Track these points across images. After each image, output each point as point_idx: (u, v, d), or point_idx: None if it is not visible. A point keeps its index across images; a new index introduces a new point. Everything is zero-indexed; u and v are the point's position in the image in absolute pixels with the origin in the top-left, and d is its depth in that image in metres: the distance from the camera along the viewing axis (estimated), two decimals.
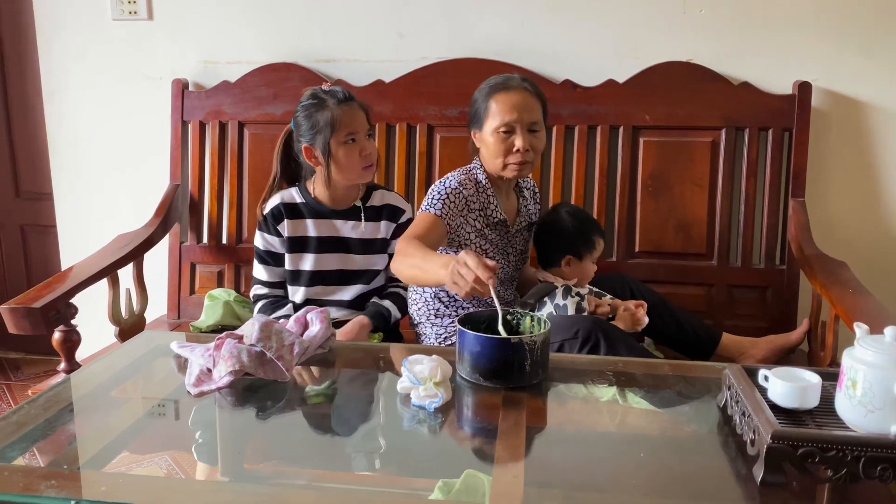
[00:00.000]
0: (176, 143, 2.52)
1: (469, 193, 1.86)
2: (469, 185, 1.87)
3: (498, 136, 1.82)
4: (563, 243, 1.96)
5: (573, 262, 1.96)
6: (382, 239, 2.01)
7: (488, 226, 1.90)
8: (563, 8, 2.35)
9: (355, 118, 1.89)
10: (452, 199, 1.82)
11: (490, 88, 1.86)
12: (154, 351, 1.60)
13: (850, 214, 2.33)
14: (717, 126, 2.28)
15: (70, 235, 2.77)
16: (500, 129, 1.82)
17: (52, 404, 1.29)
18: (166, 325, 2.47)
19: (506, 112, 1.82)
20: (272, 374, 1.35)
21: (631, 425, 1.30)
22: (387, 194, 2.04)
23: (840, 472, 0.99)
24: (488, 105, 1.84)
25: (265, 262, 2.01)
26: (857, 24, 2.23)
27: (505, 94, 1.83)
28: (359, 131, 1.89)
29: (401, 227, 2.00)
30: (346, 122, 1.87)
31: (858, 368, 1.03)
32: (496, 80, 1.89)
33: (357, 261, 1.99)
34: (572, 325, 1.74)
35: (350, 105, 1.89)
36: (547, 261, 2.00)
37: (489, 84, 1.88)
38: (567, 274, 1.97)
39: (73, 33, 2.60)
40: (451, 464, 1.14)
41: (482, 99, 1.86)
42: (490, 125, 1.84)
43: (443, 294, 1.94)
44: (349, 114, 1.88)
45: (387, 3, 2.43)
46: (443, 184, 1.86)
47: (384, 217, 2.00)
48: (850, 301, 1.79)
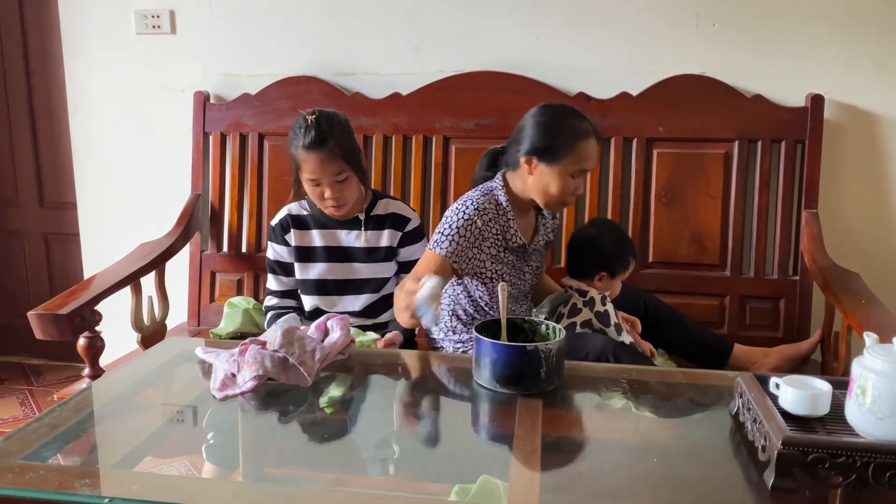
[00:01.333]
0: (197, 154, 2.57)
1: (486, 220, 1.82)
2: (488, 209, 1.83)
3: (570, 178, 1.81)
4: (600, 260, 1.98)
5: (605, 279, 1.99)
6: (387, 247, 2.02)
7: (506, 249, 1.88)
8: (578, 22, 2.39)
9: (320, 167, 1.86)
10: (463, 233, 1.79)
11: (578, 132, 1.79)
12: (178, 357, 1.64)
13: (863, 226, 2.34)
14: (730, 138, 2.30)
15: (93, 244, 2.83)
16: (577, 173, 1.81)
17: (82, 407, 1.33)
18: (186, 332, 2.52)
19: (587, 160, 1.81)
20: (294, 379, 1.39)
21: (644, 432, 1.32)
22: (392, 203, 2.05)
23: (850, 478, 1.01)
24: (575, 147, 1.78)
25: (274, 272, 2.06)
26: (870, 38, 2.25)
27: (591, 141, 1.81)
28: (322, 178, 1.87)
29: (407, 235, 2.02)
30: (308, 169, 1.87)
31: (868, 377, 1.05)
32: (581, 122, 1.81)
33: (361, 270, 2.02)
34: (582, 346, 1.77)
35: (316, 153, 1.85)
36: (579, 273, 2.02)
37: (574, 126, 1.80)
38: (599, 289, 1.99)
39: (98, 47, 2.67)
40: (467, 469, 1.17)
41: (567, 138, 1.79)
42: (568, 166, 1.79)
43: (461, 311, 1.96)
44: (312, 162, 1.86)
45: (405, 17, 2.48)
46: (457, 213, 1.81)
47: (388, 226, 2.01)
48: (863, 312, 1.80)
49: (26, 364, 3.37)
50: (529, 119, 1.87)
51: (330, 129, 1.86)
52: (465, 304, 1.95)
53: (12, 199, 3.27)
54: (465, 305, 1.95)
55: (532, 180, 1.83)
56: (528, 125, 1.85)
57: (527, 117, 1.88)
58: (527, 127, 1.85)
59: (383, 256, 2.02)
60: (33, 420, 1.25)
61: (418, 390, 1.52)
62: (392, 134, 2.48)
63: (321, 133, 1.85)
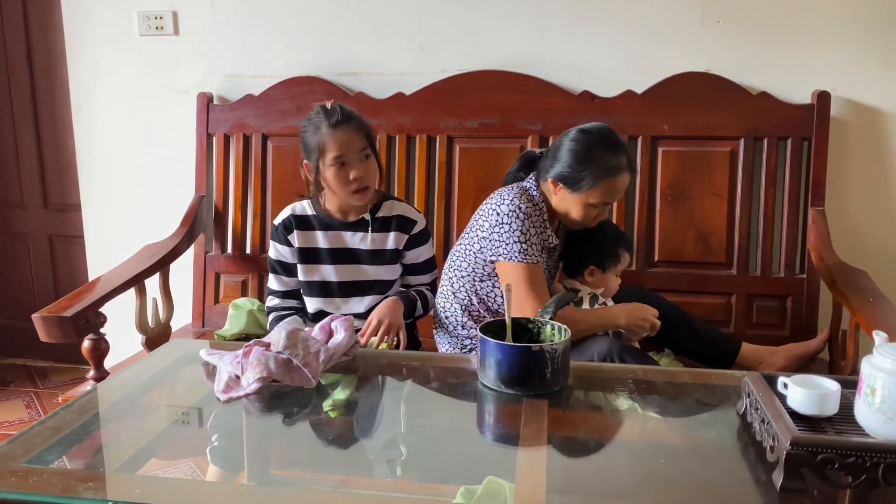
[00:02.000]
0: (201, 155, 2.57)
1: (532, 222, 1.85)
2: (531, 210, 1.85)
3: (592, 207, 1.85)
4: (588, 254, 1.97)
5: (596, 273, 1.98)
6: (393, 250, 2.00)
7: (542, 249, 1.90)
8: (582, 21, 2.38)
9: (347, 141, 1.86)
10: (533, 232, 1.84)
11: (607, 168, 1.80)
12: (182, 359, 1.63)
13: (870, 223, 2.33)
14: (735, 136, 2.29)
15: (97, 245, 2.83)
16: (599, 204, 1.84)
17: (85, 410, 1.33)
18: (191, 333, 2.52)
19: (611, 195, 1.84)
20: (299, 380, 1.39)
21: (651, 432, 1.31)
22: (397, 205, 2.03)
23: (859, 479, 1.00)
24: (600, 183, 1.80)
25: (276, 272, 2.04)
26: (876, 34, 2.24)
27: (619, 178, 1.82)
28: (349, 154, 1.87)
29: (413, 238, 2.00)
30: (335, 146, 1.87)
31: (877, 376, 1.04)
32: (613, 157, 1.81)
33: (367, 272, 2.01)
34: (588, 348, 1.77)
35: (342, 128, 1.86)
36: (571, 270, 2.02)
37: (605, 161, 1.80)
38: (590, 284, 1.98)
39: (101, 49, 2.67)
40: (473, 470, 1.16)
41: (594, 172, 1.80)
42: (591, 198, 1.82)
43: (473, 308, 1.96)
44: (339, 137, 1.86)
45: (408, 17, 2.47)
46: (517, 217, 1.82)
47: (394, 228, 2.00)
48: (871, 310, 1.79)
49: (32, 366, 3.38)
50: (566, 142, 1.86)
51: (350, 110, 1.92)
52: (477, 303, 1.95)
53: (17, 201, 3.28)
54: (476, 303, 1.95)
55: (555, 200, 1.88)
56: (564, 148, 1.85)
57: (565, 138, 1.87)
58: (562, 149, 1.85)
59: (389, 259, 2.00)
60: (37, 423, 1.25)
61: (423, 391, 1.51)
62: (396, 134, 2.47)
63: (345, 112, 1.89)
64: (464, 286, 1.95)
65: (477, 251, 1.91)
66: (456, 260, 1.97)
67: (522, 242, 1.81)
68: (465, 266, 1.94)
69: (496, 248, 1.85)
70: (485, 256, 1.89)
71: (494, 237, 1.85)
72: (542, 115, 2.37)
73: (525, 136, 2.39)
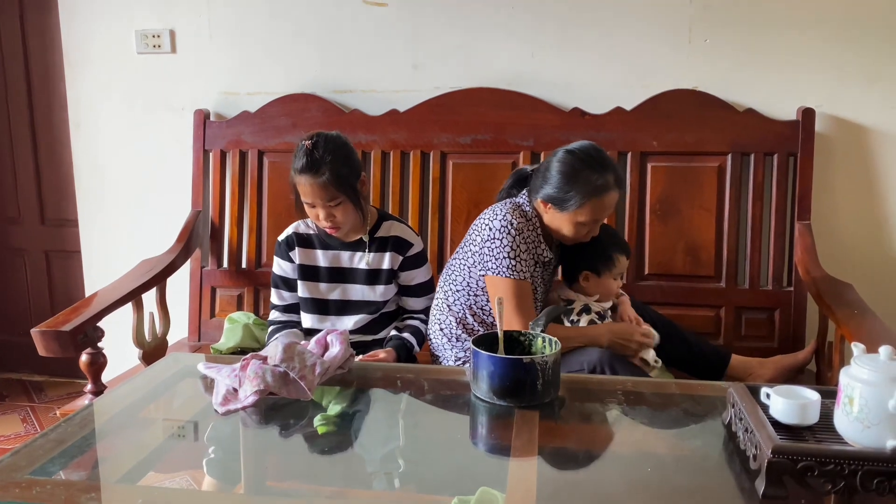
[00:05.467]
0: (197, 171, 2.60)
1: (523, 238, 1.88)
2: (524, 226, 1.88)
3: (581, 225, 1.87)
4: (581, 259, 1.98)
5: (591, 278, 1.98)
6: (388, 270, 2.03)
7: (536, 263, 1.94)
8: (572, 39, 2.43)
9: (310, 191, 1.89)
10: (524, 248, 1.86)
11: (593, 188, 1.81)
12: (180, 372, 1.66)
13: (855, 237, 2.37)
14: (723, 151, 2.33)
15: (94, 261, 2.85)
16: (589, 222, 1.86)
17: (86, 423, 1.36)
18: (187, 347, 2.54)
19: (599, 212, 1.86)
20: (295, 393, 1.41)
21: (639, 443, 1.34)
22: (395, 225, 2.06)
23: (838, 486, 1.03)
24: (587, 203, 1.82)
25: (277, 287, 2.08)
26: (860, 52, 2.29)
27: (606, 197, 1.83)
28: (314, 202, 1.91)
29: (408, 259, 2.04)
30: (302, 191, 1.92)
31: (855, 386, 1.08)
32: (599, 176, 1.81)
33: (362, 291, 2.04)
34: (579, 358, 1.80)
35: (307, 177, 1.88)
36: (568, 277, 2.05)
37: (591, 181, 1.81)
38: (587, 290, 1.99)
39: (99, 67, 2.71)
40: (466, 481, 1.19)
41: (581, 193, 1.81)
42: (578, 217, 1.85)
43: (468, 322, 1.99)
44: (304, 185, 1.89)
45: (402, 35, 2.52)
46: (508, 233, 1.84)
47: (390, 248, 2.03)
48: (856, 322, 1.82)
49: (28, 381, 3.39)
50: (554, 163, 1.88)
51: (324, 155, 1.88)
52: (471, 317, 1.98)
53: (14, 217, 3.30)
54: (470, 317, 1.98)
55: (546, 219, 1.91)
56: (552, 169, 1.87)
57: (553, 158, 1.89)
58: (550, 170, 1.87)
59: (384, 279, 2.04)
60: (39, 436, 1.27)
61: (417, 403, 1.54)
62: (390, 150, 2.51)
63: (314, 160, 1.88)
64: (458, 300, 1.99)
65: (471, 265, 1.94)
66: (451, 274, 2.01)
67: (512, 258, 1.85)
68: (460, 280, 1.98)
69: (486, 262, 1.88)
70: (479, 271, 1.93)
71: (485, 251, 1.88)
72: (534, 132, 2.41)
73: (517, 152, 2.43)
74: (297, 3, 2.55)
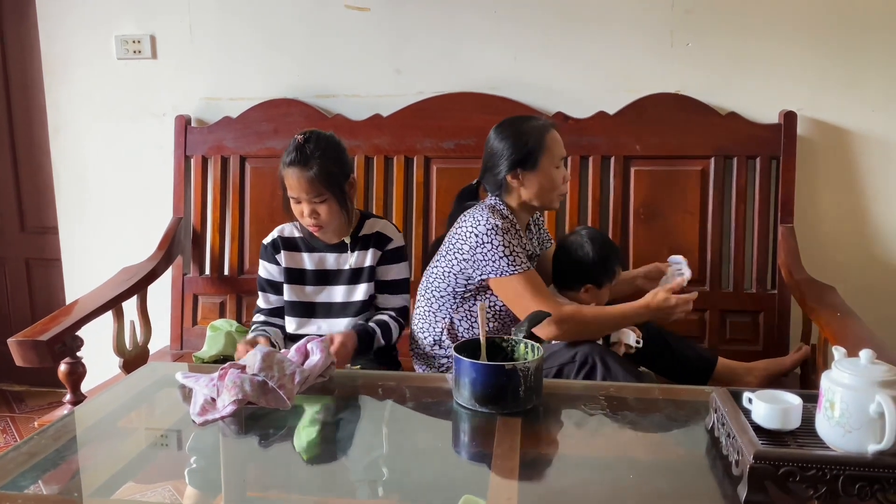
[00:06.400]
0: (179, 178, 2.58)
1: (510, 235, 1.88)
2: (507, 224, 1.88)
3: (556, 170, 1.92)
4: (585, 272, 1.99)
5: (592, 290, 2.00)
6: (370, 267, 2.01)
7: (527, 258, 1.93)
8: (555, 43, 2.43)
9: (298, 185, 1.89)
10: (515, 243, 1.87)
11: (542, 127, 1.91)
12: (159, 382, 1.64)
13: (837, 239, 2.38)
14: (706, 155, 2.34)
15: (74, 268, 2.82)
16: (558, 164, 1.92)
17: (60, 435, 1.33)
18: (169, 355, 2.51)
19: (561, 147, 1.93)
20: (274, 402, 1.39)
21: (622, 448, 1.33)
22: (378, 222, 2.05)
23: (820, 491, 1.02)
24: (544, 142, 1.89)
25: (264, 290, 2.06)
26: (840, 56, 2.30)
27: (554, 132, 1.92)
28: (300, 196, 1.90)
29: (387, 254, 2.02)
30: (289, 185, 1.91)
31: (836, 390, 1.07)
32: (536, 121, 1.94)
33: (349, 293, 2.02)
34: (570, 350, 1.80)
35: (295, 170, 1.88)
36: (565, 284, 2.04)
37: (534, 125, 1.92)
38: (584, 300, 2.00)
39: (79, 72, 2.68)
40: (447, 489, 1.18)
41: (534, 138, 1.89)
42: (549, 160, 1.90)
43: (453, 328, 1.97)
44: (292, 178, 1.90)
45: (386, 40, 2.51)
46: (496, 233, 1.84)
47: (371, 245, 2.02)
48: (838, 324, 1.82)
49: (7, 391, 3.34)
50: (493, 142, 1.95)
51: (315, 151, 1.89)
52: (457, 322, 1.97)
53: None
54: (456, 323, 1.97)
55: (525, 190, 1.92)
56: (496, 147, 1.93)
57: (490, 142, 1.96)
58: (495, 150, 1.93)
59: (367, 277, 2.02)
60: (11, 449, 1.25)
61: (399, 411, 1.52)
62: (373, 155, 2.50)
63: (304, 154, 1.88)
64: (443, 306, 1.97)
65: (457, 273, 1.92)
66: (434, 281, 1.99)
67: (508, 255, 1.84)
68: (444, 287, 1.96)
69: (483, 267, 1.87)
70: (467, 277, 1.91)
71: (479, 258, 1.86)
72: None
73: None
74: (279, 8, 2.54)
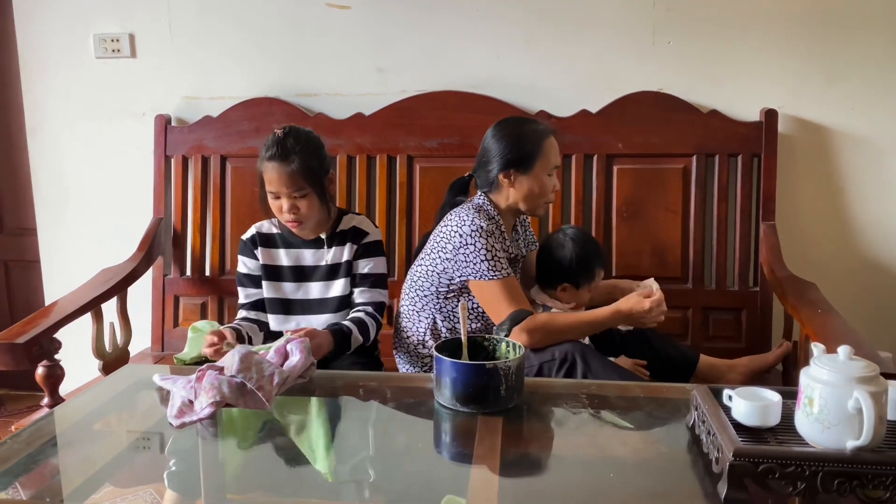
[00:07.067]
0: (159, 178, 2.55)
1: (495, 238, 1.87)
2: (492, 226, 1.88)
3: (547, 177, 1.92)
4: (563, 270, 1.98)
5: (569, 290, 2.00)
6: (347, 262, 2.00)
7: (509, 262, 1.92)
8: (537, 42, 2.42)
9: (279, 179, 1.87)
10: (498, 247, 1.86)
11: (541, 132, 1.92)
12: (137, 384, 1.62)
13: (819, 236, 2.39)
14: (688, 153, 2.34)
15: (54, 270, 2.78)
16: (551, 171, 1.92)
17: (35, 438, 1.31)
18: (150, 357, 2.49)
19: (557, 155, 1.94)
20: (253, 404, 1.38)
21: (603, 447, 1.33)
22: (354, 218, 2.04)
23: (799, 488, 1.02)
24: (541, 147, 1.90)
25: (243, 285, 2.04)
26: (821, 54, 2.31)
27: (552, 139, 1.93)
28: (280, 191, 1.89)
29: (363, 247, 2.00)
30: (268, 180, 1.90)
31: (815, 386, 1.07)
32: (537, 126, 1.94)
33: (326, 289, 2.01)
34: (550, 348, 1.79)
35: (275, 164, 1.87)
36: (545, 281, 2.04)
37: (534, 128, 1.93)
38: (562, 298, 2.00)
39: (56, 71, 2.64)
40: (427, 490, 1.17)
41: (532, 142, 1.90)
42: (543, 166, 1.90)
43: (437, 327, 1.97)
44: (271, 173, 1.88)
45: (367, 39, 2.49)
46: (480, 236, 1.83)
47: (348, 240, 2.01)
48: (819, 321, 1.83)
49: None
50: (491, 139, 1.94)
51: (294, 145, 1.88)
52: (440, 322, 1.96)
53: None
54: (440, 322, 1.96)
55: (514, 192, 1.92)
56: (493, 145, 1.93)
57: (487, 139, 1.95)
58: (492, 147, 1.93)
59: (345, 272, 2.01)
60: None
61: (380, 412, 1.51)
62: (356, 154, 2.48)
63: (285, 148, 1.88)
64: (427, 305, 1.96)
65: (440, 272, 1.92)
66: (418, 280, 1.98)
67: (489, 260, 1.83)
68: (427, 286, 1.95)
69: (463, 268, 1.86)
70: (449, 276, 1.90)
71: (461, 258, 1.86)
72: None
73: None
74: (260, 6, 2.52)
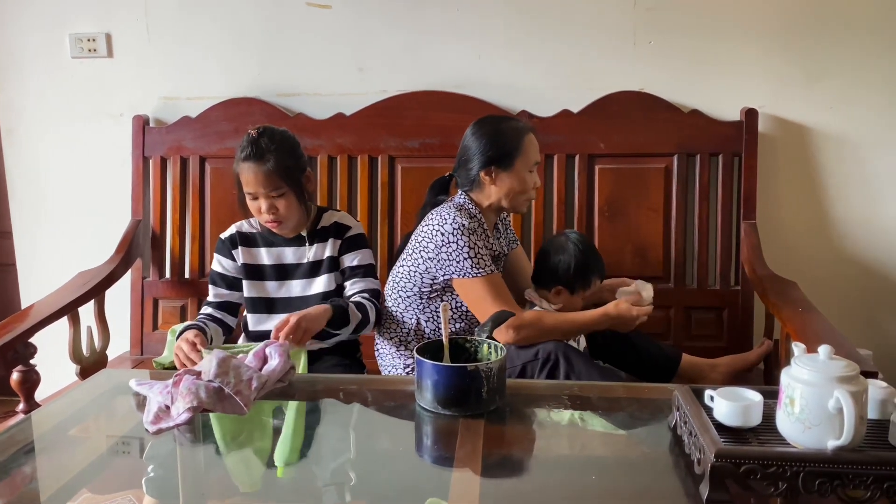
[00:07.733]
0: (137, 179, 2.52)
1: (477, 236, 1.87)
2: (474, 224, 1.87)
3: (529, 174, 1.93)
4: (561, 274, 1.97)
5: (563, 294, 1.99)
6: (330, 258, 1.99)
7: (492, 260, 1.92)
8: (519, 41, 2.42)
9: (255, 179, 1.86)
10: (481, 244, 1.85)
11: (521, 129, 1.92)
12: (114, 389, 1.59)
13: (799, 235, 2.41)
14: (669, 152, 2.35)
15: (30, 273, 2.74)
16: (531, 167, 1.93)
17: (10, 445, 1.28)
18: (129, 361, 2.45)
19: (537, 152, 1.95)
20: (231, 409, 1.36)
21: (585, 448, 1.33)
22: (335, 214, 2.03)
23: (781, 488, 1.02)
24: (521, 144, 1.90)
25: (215, 284, 2.01)
26: (799, 53, 2.33)
27: (532, 136, 1.94)
28: (257, 191, 1.87)
29: (346, 241, 1.99)
30: (245, 180, 1.89)
31: (795, 386, 1.07)
32: (517, 123, 1.95)
33: (308, 286, 1.99)
34: (532, 348, 1.79)
35: (251, 165, 1.86)
36: (541, 281, 2.03)
37: (513, 126, 1.93)
38: (553, 300, 1.99)
39: (32, 72, 2.60)
40: (408, 494, 1.16)
41: (512, 139, 1.90)
42: (524, 162, 1.91)
43: (420, 328, 1.95)
44: (247, 173, 1.87)
45: (348, 38, 2.47)
46: (462, 234, 1.83)
47: (331, 236, 1.99)
48: (800, 320, 1.84)
49: None
50: (471, 138, 1.94)
51: (270, 144, 1.87)
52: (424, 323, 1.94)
53: None
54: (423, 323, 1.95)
55: (496, 189, 1.92)
56: (473, 143, 1.93)
57: (467, 137, 1.95)
58: (472, 145, 1.93)
59: (327, 268, 1.99)
60: None
61: (361, 416, 1.50)
62: (337, 154, 2.46)
63: (259, 148, 1.86)
64: (410, 307, 1.95)
65: (423, 272, 1.90)
66: (400, 281, 1.97)
67: (472, 257, 1.83)
68: (410, 287, 1.94)
69: (446, 267, 1.85)
70: (432, 276, 1.89)
71: (443, 257, 1.85)
72: None
73: None
74: (239, 6, 2.49)
